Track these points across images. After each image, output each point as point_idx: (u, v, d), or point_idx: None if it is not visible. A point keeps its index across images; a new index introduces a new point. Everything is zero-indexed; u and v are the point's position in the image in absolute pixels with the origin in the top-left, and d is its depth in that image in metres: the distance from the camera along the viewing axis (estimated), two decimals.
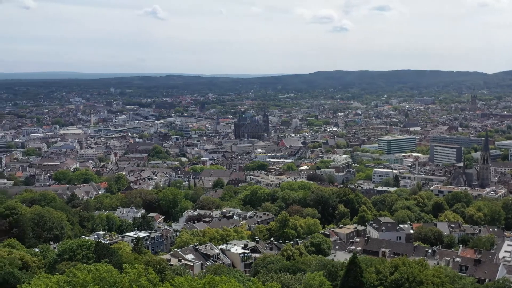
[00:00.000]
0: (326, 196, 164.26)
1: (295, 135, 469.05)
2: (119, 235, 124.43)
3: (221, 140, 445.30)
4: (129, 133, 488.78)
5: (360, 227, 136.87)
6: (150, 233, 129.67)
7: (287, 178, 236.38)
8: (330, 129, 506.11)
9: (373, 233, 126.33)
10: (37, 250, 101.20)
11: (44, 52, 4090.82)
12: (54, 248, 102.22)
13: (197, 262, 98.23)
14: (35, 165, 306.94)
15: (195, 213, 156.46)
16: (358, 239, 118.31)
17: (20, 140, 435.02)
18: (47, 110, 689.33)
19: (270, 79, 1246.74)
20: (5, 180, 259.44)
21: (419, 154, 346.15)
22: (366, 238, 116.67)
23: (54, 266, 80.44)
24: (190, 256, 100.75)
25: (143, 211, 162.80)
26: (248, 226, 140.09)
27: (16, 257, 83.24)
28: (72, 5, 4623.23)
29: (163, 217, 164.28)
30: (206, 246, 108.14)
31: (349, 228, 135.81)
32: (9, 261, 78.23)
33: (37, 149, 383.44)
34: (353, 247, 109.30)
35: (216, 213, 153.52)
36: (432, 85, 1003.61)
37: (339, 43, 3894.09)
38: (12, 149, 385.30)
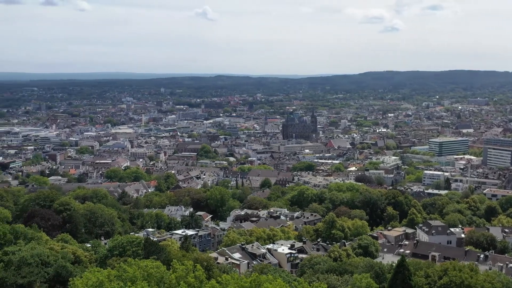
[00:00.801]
0: (374, 198, 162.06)
1: (344, 136, 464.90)
2: (168, 233, 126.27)
3: (269, 140, 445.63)
4: (178, 133, 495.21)
5: (409, 230, 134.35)
6: (198, 231, 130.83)
7: (335, 179, 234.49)
8: (380, 130, 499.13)
9: (422, 236, 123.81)
10: (89, 245, 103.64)
11: (98, 53, 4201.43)
12: (105, 243, 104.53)
13: (243, 261, 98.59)
14: (88, 163, 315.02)
15: (242, 213, 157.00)
16: (407, 242, 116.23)
17: (74, 139, 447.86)
18: (99, 110, 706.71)
19: (318, 80, 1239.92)
20: (60, 177, 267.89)
21: (472, 157, 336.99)
22: (415, 242, 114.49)
23: (104, 261, 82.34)
24: (237, 255, 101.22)
25: (191, 209, 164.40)
26: (295, 226, 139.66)
27: (69, 252, 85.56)
28: (125, 7, 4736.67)
29: (210, 215, 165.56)
30: (252, 245, 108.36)
31: (398, 230, 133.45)
32: (62, 255, 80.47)
33: (90, 147, 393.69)
34: (401, 250, 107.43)
35: (263, 213, 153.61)
36: (486, 85, 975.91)
37: (390, 43, 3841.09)
38: (66, 147, 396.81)
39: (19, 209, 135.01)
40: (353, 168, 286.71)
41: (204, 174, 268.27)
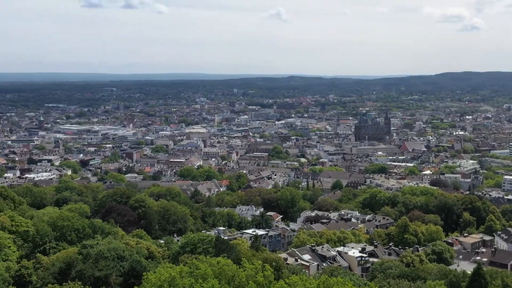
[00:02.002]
0: (450, 203, 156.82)
1: (418, 138, 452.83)
2: (238, 232, 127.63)
3: (341, 141, 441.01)
4: (250, 133, 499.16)
5: (487, 237, 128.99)
6: (268, 231, 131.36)
7: (408, 182, 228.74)
8: (457, 133, 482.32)
9: (501, 244, 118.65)
10: (162, 241, 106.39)
11: (173, 54, 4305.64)
12: (178, 240, 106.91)
13: (313, 263, 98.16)
14: (162, 162, 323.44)
15: (313, 214, 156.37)
16: (484, 250, 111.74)
17: (150, 138, 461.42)
18: (174, 110, 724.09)
19: (393, 80, 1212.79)
20: (135, 175, 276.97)
21: None
22: (493, 249, 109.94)
23: (177, 257, 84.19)
24: (306, 256, 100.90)
25: (261, 209, 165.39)
26: (366, 229, 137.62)
27: (143, 247, 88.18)
28: (201, 10, 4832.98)
29: (281, 216, 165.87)
30: (323, 247, 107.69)
31: (475, 237, 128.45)
32: (137, 250, 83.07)
33: (165, 146, 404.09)
34: (478, 258, 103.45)
35: (334, 215, 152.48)
36: None
37: (469, 43, 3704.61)
38: (142, 146, 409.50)
39: (97, 204, 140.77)
40: (427, 172, 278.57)
41: (275, 175, 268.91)
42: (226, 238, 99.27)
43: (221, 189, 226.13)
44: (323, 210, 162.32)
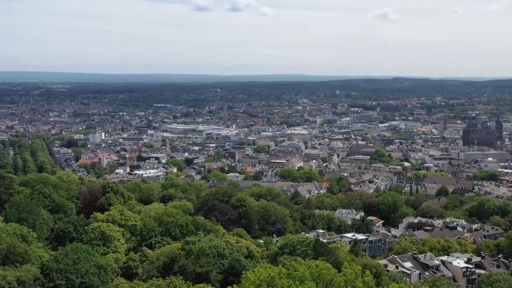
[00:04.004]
0: None
1: None
2: (338, 235, 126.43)
3: (448, 146, 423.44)
4: (352, 135, 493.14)
5: None
6: (368, 236, 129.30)
7: None
8: None
9: None
10: (261, 241, 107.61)
11: (277, 55, 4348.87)
12: (276, 241, 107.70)
13: (415, 271, 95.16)
14: (263, 162, 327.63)
15: (416, 220, 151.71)
16: None
17: (252, 138, 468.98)
18: (276, 111, 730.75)
19: (506, 83, 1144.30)
20: (237, 174, 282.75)
21: None
22: None
23: (275, 258, 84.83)
24: (408, 264, 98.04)
25: (362, 213, 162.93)
26: (473, 239, 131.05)
27: (243, 246, 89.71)
28: (305, 11, 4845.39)
29: (382, 221, 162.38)
30: (425, 255, 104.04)
31: None
32: (237, 249, 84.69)
33: (266, 147, 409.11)
34: None
35: (438, 222, 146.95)
36: None
37: None
38: (245, 146, 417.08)
39: (200, 202, 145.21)
40: None
41: (377, 178, 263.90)
42: (325, 241, 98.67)
43: (321, 191, 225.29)
44: (426, 217, 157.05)
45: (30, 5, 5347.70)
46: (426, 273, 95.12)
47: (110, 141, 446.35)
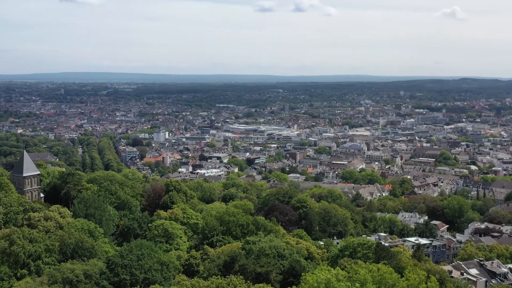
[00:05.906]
0: None
1: None
2: (400, 239, 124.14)
3: None
4: (416, 137, 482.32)
5: None
6: (432, 241, 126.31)
7: None
8: None
9: None
10: (322, 243, 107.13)
11: (340, 56, 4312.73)
12: (337, 243, 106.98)
13: (481, 279, 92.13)
14: (324, 163, 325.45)
15: (483, 226, 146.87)
16: None
17: (313, 139, 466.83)
18: (338, 112, 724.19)
19: None
20: (298, 175, 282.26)
21: None
22: None
23: (336, 260, 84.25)
24: (473, 271, 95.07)
25: (426, 217, 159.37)
26: None
27: (303, 247, 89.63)
28: (370, 10, 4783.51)
29: (446, 226, 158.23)
30: (492, 262, 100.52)
31: None
32: (297, 250, 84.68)
33: (328, 148, 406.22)
34: None
35: (506, 229, 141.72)
36: None
37: None
38: (306, 147, 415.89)
39: (261, 202, 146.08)
40: None
41: (442, 182, 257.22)
42: (387, 244, 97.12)
43: (383, 194, 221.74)
44: (494, 223, 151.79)
45: (101, 9, 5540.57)
46: (493, 281, 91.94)
47: (174, 141, 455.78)
